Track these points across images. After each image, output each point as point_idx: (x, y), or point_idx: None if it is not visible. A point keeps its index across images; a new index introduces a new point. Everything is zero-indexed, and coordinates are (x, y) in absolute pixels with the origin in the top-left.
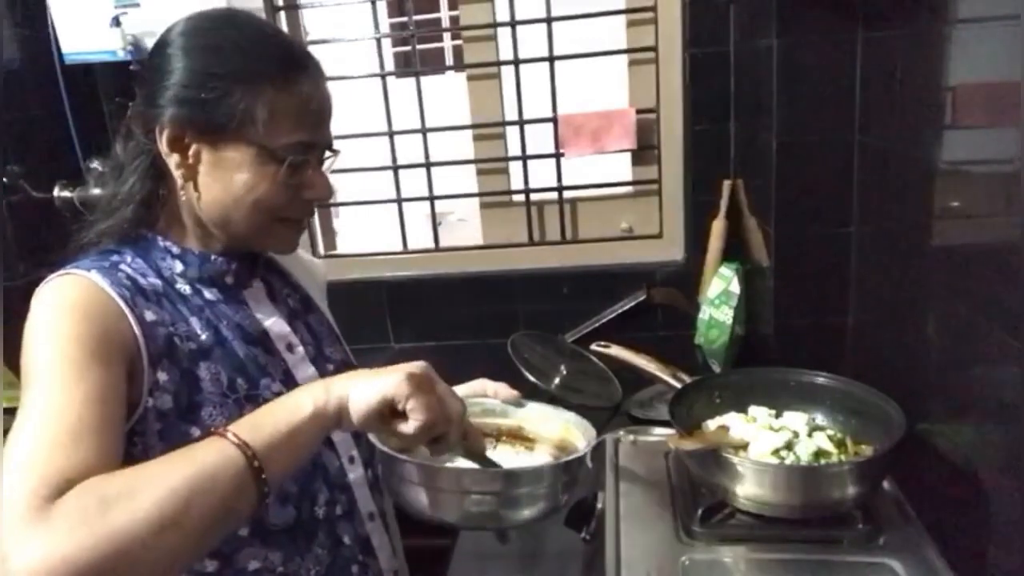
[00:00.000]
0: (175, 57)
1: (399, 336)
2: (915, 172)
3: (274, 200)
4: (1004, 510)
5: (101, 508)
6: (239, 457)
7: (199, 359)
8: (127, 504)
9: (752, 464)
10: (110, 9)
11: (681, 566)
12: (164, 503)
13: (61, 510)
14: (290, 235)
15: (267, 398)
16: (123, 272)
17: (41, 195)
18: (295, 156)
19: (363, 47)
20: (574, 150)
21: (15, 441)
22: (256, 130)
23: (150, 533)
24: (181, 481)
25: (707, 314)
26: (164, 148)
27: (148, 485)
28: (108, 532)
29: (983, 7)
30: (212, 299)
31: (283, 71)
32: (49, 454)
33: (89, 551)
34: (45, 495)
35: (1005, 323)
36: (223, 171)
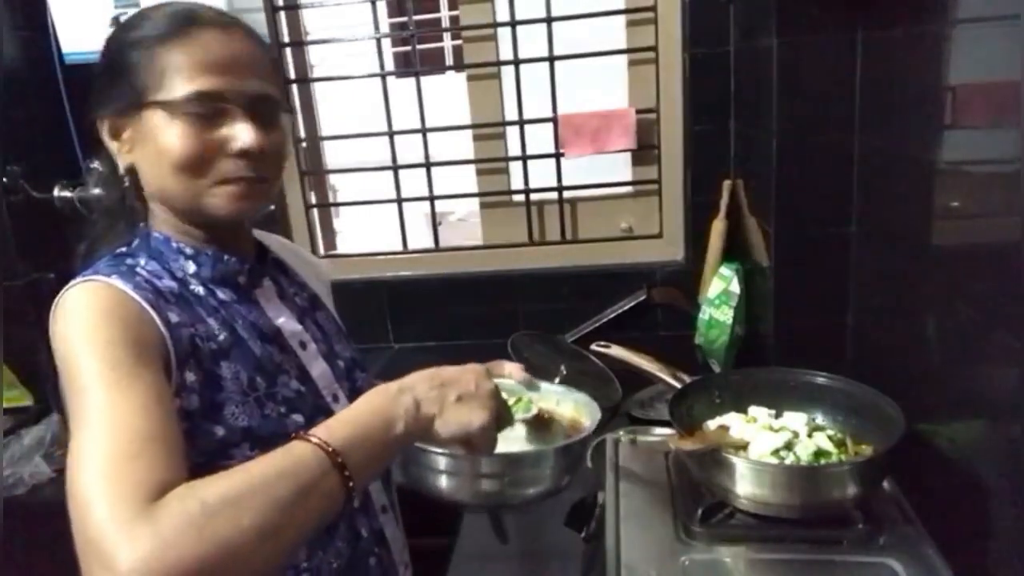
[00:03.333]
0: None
1: (399, 336)
2: (915, 172)
3: (190, 159)
4: (1004, 510)
5: (206, 513)
6: (333, 469)
7: (220, 359)
8: (231, 512)
9: (752, 464)
10: (110, 9)
11: (681, 566)
12: (267, 512)
13: (166, 512)
14: (232, 194)
15: (286, 396)
16: (140, 276)
17: (41, 195)
18: (199, 107)
19: (363, 47)
20: (574, 150)
21: (87, 451)
22: (155, 90)
23: (252, 541)
24: (281, 490)
25: (707, 314)
26: (107, 139)
27: (251, 493)
28: (214, 537)
29: (983, 7)
30: (226, 299)
31: (173, 28)
32: (130, 459)
33: (198, 554)
34: (143, 498)
35: (1005, 323)
36: (145, 144)
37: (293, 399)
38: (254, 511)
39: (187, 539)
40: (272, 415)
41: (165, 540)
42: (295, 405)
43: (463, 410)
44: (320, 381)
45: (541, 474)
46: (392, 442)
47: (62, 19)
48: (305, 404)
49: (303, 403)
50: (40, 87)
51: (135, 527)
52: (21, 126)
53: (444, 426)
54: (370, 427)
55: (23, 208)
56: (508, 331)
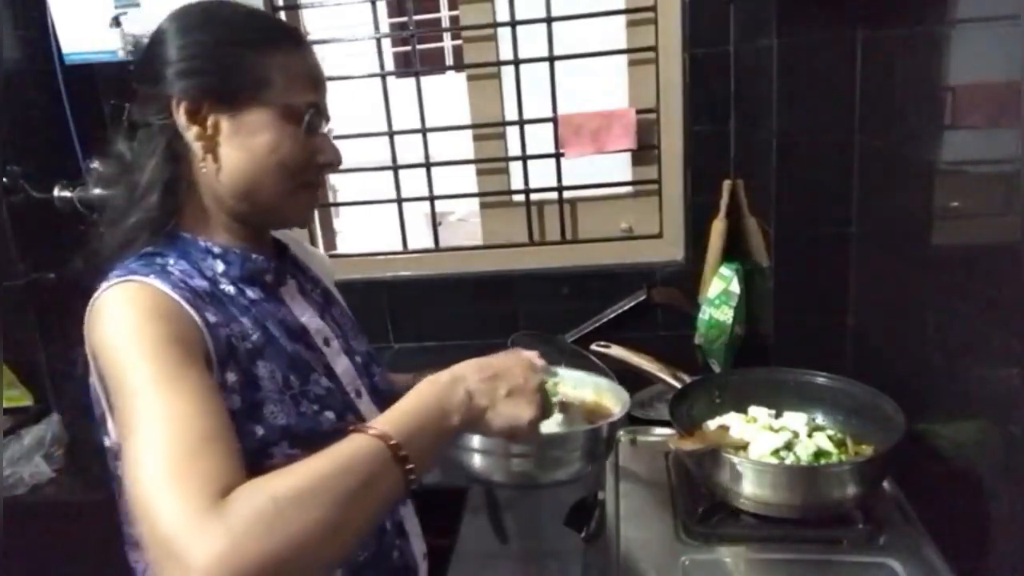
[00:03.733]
0: (177, 39)
1: (399, 336)
2: (915, 172)
3: (295, 160)
4: (1004, 510)
5: (276, 509)
6: (393, 461)
7: (256, 358)
8: (300, 506)
9: (752, 464)
10: (110, 9)
11: (681, 566)
12: (334, 506)
13: (236, 508)
14: (309, 204)
15: (317, 393)
16: (174, 275)
17: (41, 195)
18: (312, 116)
19: (363, 47)
20: (574, 150)
21: (147, 453)
22: (274, 91)
23: (322, 534)
24: (347, 485)
25: (707, 314)
26: (183, 121)
27: (318, 489)
28: (285, 532)
29: (983, 7)
30: (255, 298)
31: (286, 38)
32: (193, 458)
33: (270, 549)
34: (211, 495)
35: (1005, 323)
36: (244, 136)
37: (324, 396)
38: (322, 505)
39: (259, 534)
40: (307, 413)
41: (237, 536)
42: (326, 402)
43: (512, 405)
44: (344, 378)
45: (570, 456)
46: (448, 432)
47: (62, 19)
48: (335, 401)
49: (333, 400)
50: (40, 87)
51: (207, 524)
52: (21, 126)
53: (495, 419)
54: (427, 418)
55: (23, 208)
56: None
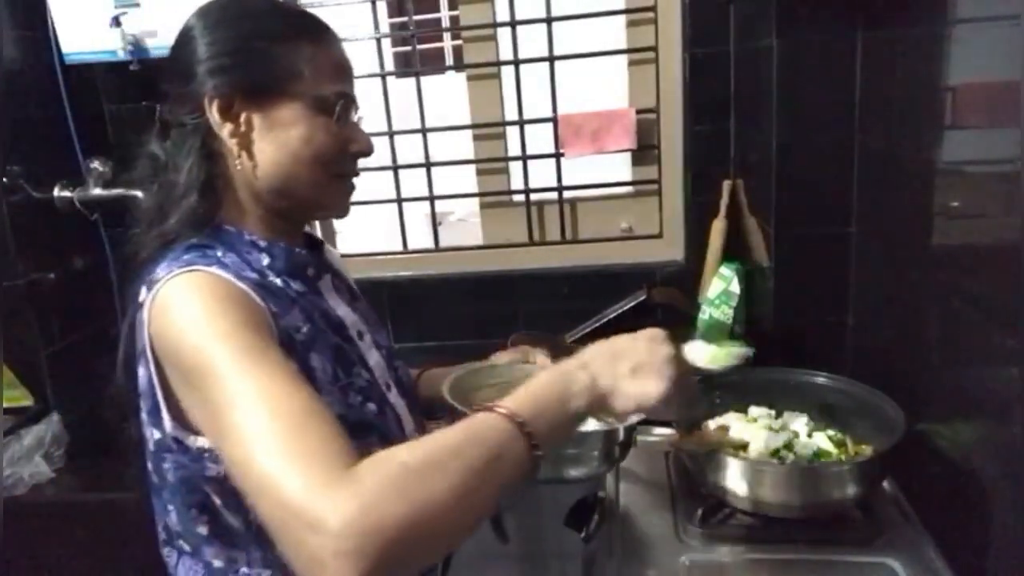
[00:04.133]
0: (205, 37)
1: (399, 336)
2: (915, 172)
3: (330, 151)
4: (1004, 510)
5: (407, 475)
6: (523, 442)
7: (308, 350)
8: (433, 474)
9: (752, 464)
10: (110, 9)
11: (681, 566)
12: (464, 476)
13: (367, 474)
14: (346, 193)
15: (360, 385)
16: (231, 266)
17: (41, 195)
18: (341, 107)
19: (363, 47)
20: (574, 150)
21: (252, 434)
22: (304, 83)
23: (450, 501)
24: (476, 459)
25: (707, 314)
26: (216, 119)
27: (449, 458)
28: (416, 497)
29: (983, 7)
30: (300, 291)
31: (314, 28)
32: (301, 433)
33: (403, 512)
34: (332, 465)
35: (1005, 323)
36: (277, 131)
37: (366, 388)
38: (452, 474)
39: (390, 498)
40: (354, 404)
41: (370, 500)
42: (368, 394)
43: (638, 382)
44: (376, 370)
45: (588, 455)
46: (571, 417)
47: (62, 19)
48: (375, 393)
49: (373, 392)
50: (40, 87)
51: (338, 490)
52: (21, 126)
53: (620, 400)
54: (550, 401)
55: (23, 208)
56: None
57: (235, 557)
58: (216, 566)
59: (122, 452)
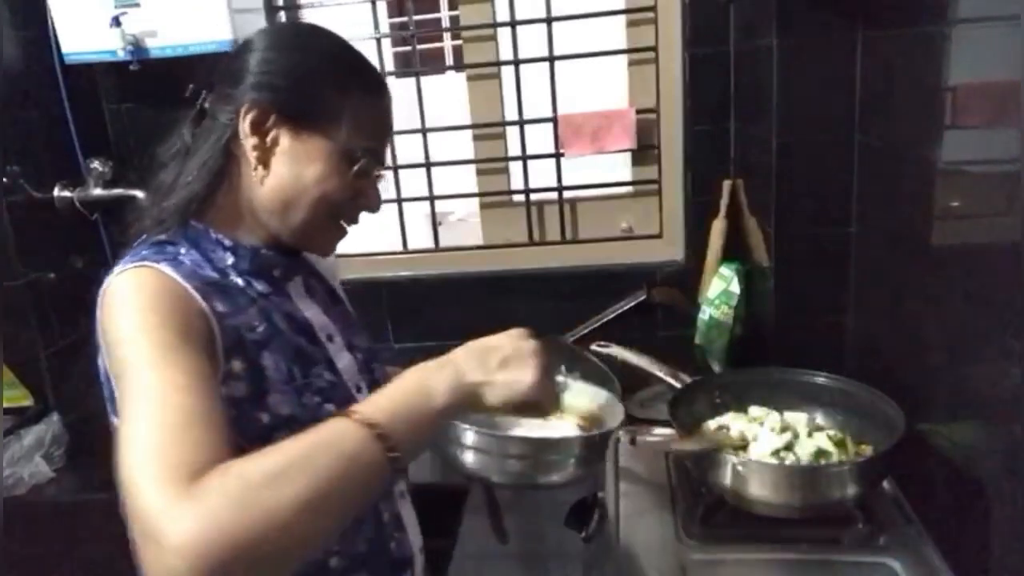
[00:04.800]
0: (266, 53)
1: (399, 336)
2: (915, 172)
3: (336, 198)
4: (1004, 510)
5: (249, 488)
6: (375, 444)
7: (261, 349)
8: (276, 485)
9: (752, 464)
10: (110, 9)
11: (681, 566)
12: (309, 486)
13: (209, 488)
14: (336, 238)
15: (320, 386)
16: (186, 264)
17: (41, 195)
18: (367, 161)
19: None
20: (574, 150)
21: (134, 430)
22: (340, 129)
23: (296, 512)
24: (323, 465)
25: (707, 314)
26: (245, 128)
27: (293, 468)
28: (259, 511)
29: (983, 7)
30: (263, 291)
31: (370, 82)
32: (175, 438)
33: (243, 528)
34: (186, 475)
35: (1005, 323)
36: (298, 160)
37: (326, 389)
38: (295, 482)
39: (231, 513)
40: (310, 404)
41: (210, 515)
42: (328, 395)
43: (509, 372)
44: (346, 373)
45: (565, 461)
46: (434, 414)
47: (62, 19)
48: (337, 394)
49: (335, 393)
50: (40, 87)
51: (180, 504)
52: (21, 126)
53: (493, 391)
54: (409, 399)
55: (23, 208)
56: None
57: None
58: None
59: None
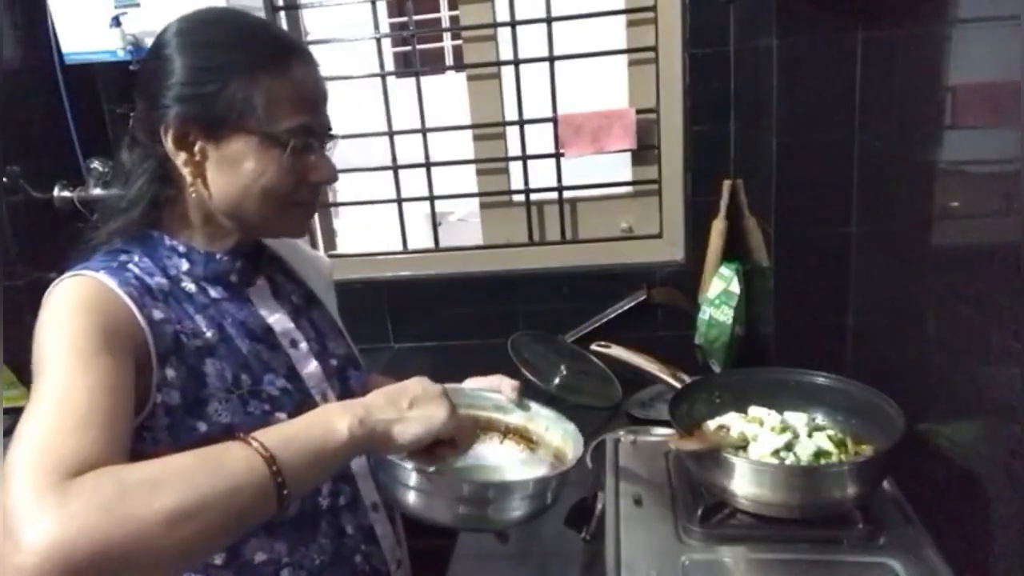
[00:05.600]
0: (171, 58)
1: (399, 336)
2: (915, 172)
3: (282, 185)
4: (1004, 510)
5: (119, 493)
6: (263, 468)
7: (205, 356)
8: (147, 494)
9: (752, 464)
10: (110, 9)
11: (681, 566)
12: (183, 499)
13: (77, 490)
14: (300, 219)
15: (271, 394)
16: (131, 272)
17: (41, 195)
18: (297, 140)
19: (363, 47)
20: (574, 150)
21: (25, 427)
22: (257, 118)
23: (162, 524)
24: (203, 481)
25: (707, 314)
26: (170, 147)
27: (170, 479)
28: (124, 517)
29: (983, 7)
30: (217, 297)
31: (276, 58)
32: (60, 438)
33: (102, 533)
34: (59, 475)
35: (1005, 323)
36: (230, 164)
37: (278, 397)
38: (168, 495)
39: (94, 516)
40: (256, 412)
41: (70, 515)
42: (280, 403)
43: (420, 410)
44: (309, 380)
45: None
46: (334, 450)
47: (62, 19)
48: (291, 402)
49: (289, 401)
50: (40, 87)
51: (45, 500)
52: (21, 126)
53: (405, 428)
54: (308, 433)
55: (23, 208)
56: (508, 331)
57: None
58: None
59: None
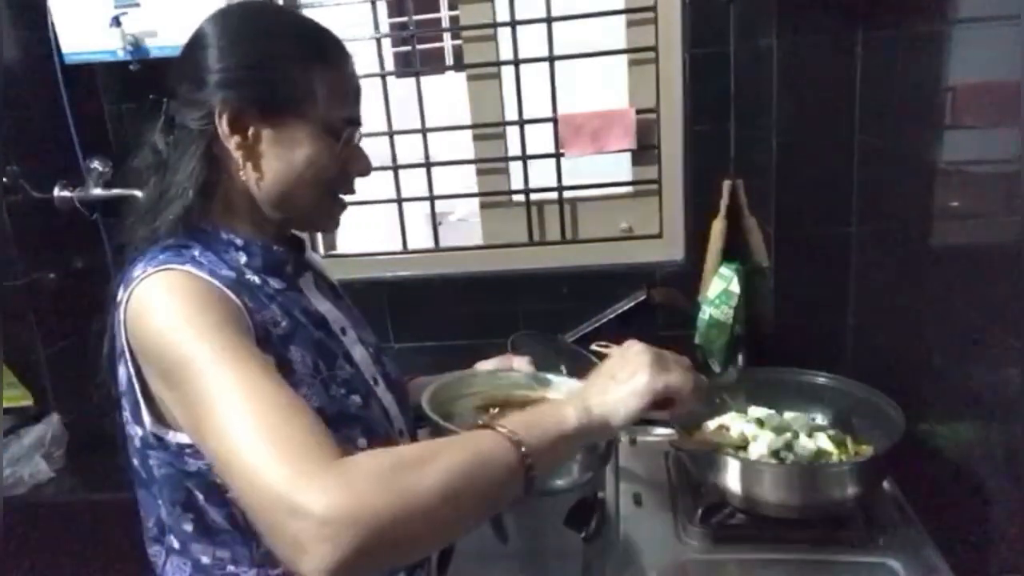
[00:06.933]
0: (221, 45)
1: (399, 336)
2: (915, 172)
3: (330, 174)
4: (1004, 510)
5: (395, 471)
6: (514, 451)
7: (287, 343)
8: (418, 472)
9: (752, 464)
10: (110, 9)
11: (681, 566)
12: (452, 477)
13: (356, 466)
14: (339, 212)
15: (344, 377)
16: (205, 265)
17: (41, 195)
18: (349, 130)
19: (363, 47)
20: (574, 150)
21: (233, 424)
22: (316, 107)
23: (435, 500)
24: (465, 459)
25: (707, 314)
26: (224, 130)
27: (436, 458)
28: (401, 491)
29: (983, 7)
30: (279, 287)
31: (330, 51)
32: (284, 422)
33: (387, 502)
34: (317, 453)
35: (1005, 323)
36: (284, 148)
37: (349, 380)
38: (439, 472)
39: (377, 490)
40: (336, 396)
41: (356, 489)
42: (352, 386)
43: (620, 389)
44: (362, 364)
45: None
46: (568, 435)
47: (62, 19)
48: (360, 385)
49: (357, 384)
50: (40, 87)
51: (325, 478)
52: (21, 126)
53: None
54: (544, 419)
55: (23, 208)
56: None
57: (222, 555)
58: (204, 563)
59: (121, 451)
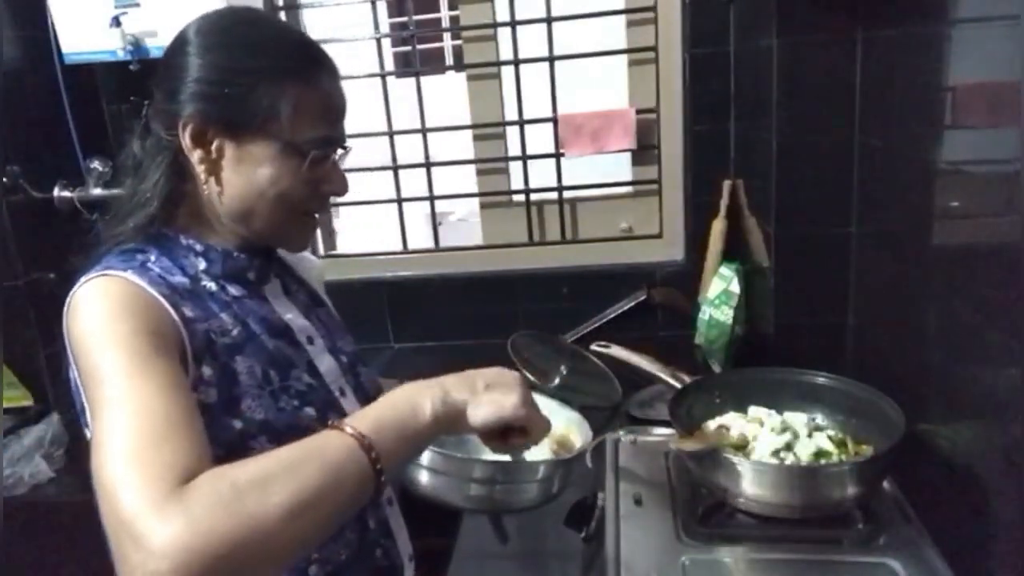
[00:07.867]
0: (196, 55)
1: (399, 336)
2: (915, 172)
3: (296, 194)
4: (1004, 510)
5: (236, 494)
6: (363, 454)
7: (234, 353)
8: (262, 491)
9: (752, 464)
10: (110, 9)
11: (681, 566)
12: (296, 493)
13: (196, 493)
14: (306, 231)
15: (298, 389)
16: (153, 271)
17: (41, 195)
18: (317, 151)
19: (363, 47)
20: (574, 150)
21: (112, 437)
22: (280, 125)
23: (283, 520)
24: (310, 472)
25: (707, 314)
26: (187, 143)
27: (280, 474)
28: (243, 515)
29: (983, 7)
30: (236, 295)
31: (305, 68)
32: (154, 446)
33: (227, 532)
34: (169, 482)
35: (1005, 323)
36: (246, 165)
37: (305, 392)
38: (282, 490)
39: (217, 517)
40: (286, 408)
41: (196, 519)
42: (307, 398)
43: (493, 394)
44: (328, 375)
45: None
46: (421, 429)
47: (62, 19)
48: (317, 397)
49: (315, 396)
50: (40, 87)
51: (167, 507)
52: (21, 126)
53: (477, 410)
54: (397, 414)
55: (23, 208)
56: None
57: None
58: None
59: None
